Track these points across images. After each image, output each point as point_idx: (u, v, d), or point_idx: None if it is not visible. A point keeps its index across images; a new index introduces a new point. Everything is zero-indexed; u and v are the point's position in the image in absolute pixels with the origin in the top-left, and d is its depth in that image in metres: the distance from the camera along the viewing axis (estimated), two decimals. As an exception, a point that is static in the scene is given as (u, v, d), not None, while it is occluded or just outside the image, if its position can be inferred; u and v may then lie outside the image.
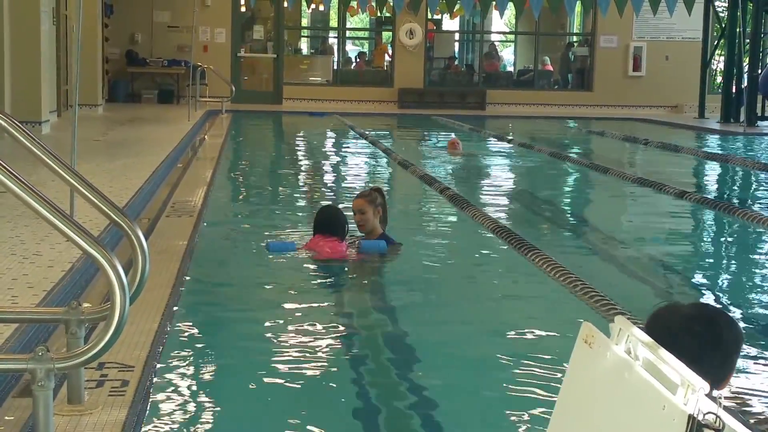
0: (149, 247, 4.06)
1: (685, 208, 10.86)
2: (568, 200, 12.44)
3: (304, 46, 32.42)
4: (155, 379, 4.45)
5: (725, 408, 2.40)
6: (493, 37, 34.19)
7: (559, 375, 4.53)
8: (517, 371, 4.93)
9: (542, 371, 4.84)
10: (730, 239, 9.90)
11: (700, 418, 1.65)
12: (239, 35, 27.19)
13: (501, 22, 35.95)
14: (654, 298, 6.78)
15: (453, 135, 18.57)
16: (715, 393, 2.55)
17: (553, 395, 3.08)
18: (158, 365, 4.62)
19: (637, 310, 5.58)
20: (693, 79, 25.69)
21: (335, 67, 28.92)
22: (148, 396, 4.19)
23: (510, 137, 19.90)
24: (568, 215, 11.01)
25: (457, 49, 32.61)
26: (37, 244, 6.53)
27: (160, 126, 18.24)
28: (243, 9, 27.06)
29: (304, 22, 32.12)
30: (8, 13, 14.74)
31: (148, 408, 4.07)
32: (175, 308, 5.65)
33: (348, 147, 18.79)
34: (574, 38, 31.40)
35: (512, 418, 4.33)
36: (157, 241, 7.58)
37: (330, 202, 7.70)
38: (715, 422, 1.63)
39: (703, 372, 2.53)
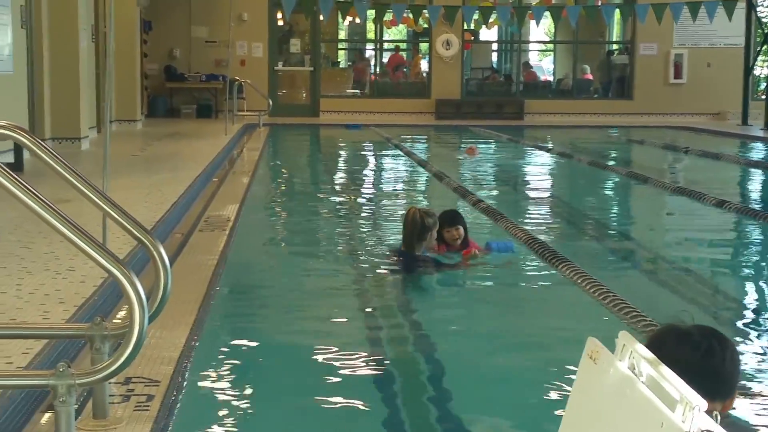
0: (176, 263, 4.08)
1: (724, 217, 10.75)
2: (606, 210, 12.36)
3: (341, 58, 32.52)
4: (181, 395, 4.45)
5: (722, 424, 2.39)
6: (531, 47, 34.11)
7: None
8: (548, 385, 4.89)
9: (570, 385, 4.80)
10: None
11: (696, 436, 1.64)
12: (276, 49, 27.31)
13: (539, 30, 35.83)
14: (690, 309, 6.72)
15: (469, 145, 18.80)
16: (717, 411, 2.54)
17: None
18: (185, 380, 4.64)
19: (690, 310, 5.54)
20: (735, 85, 25.48)
21: (372, 79, 28.99)
22: (173, 411, 4.20)
23: (549, 147, 19.83)
24: (606, 226, 10.93)
25: (495, 59, 32.57)
26: (71, 259, 6.59)
27: (198, 140, 18.36)
28: (280, 23, 27.20)
29: (342, 35, 32.22)
30: (47, 30, 14.93)
31: (171, 424, 4.08)
32: (203, 323, 5.67)
33: (384, 159, 18.82)
34: (614, 46, 31.24)
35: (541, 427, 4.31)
36: (188, 256, 7.62)
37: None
38: (711, 440, 1.61)
39: (707, 388, 2.52)
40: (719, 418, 1.68)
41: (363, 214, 11.25)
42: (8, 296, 5.60)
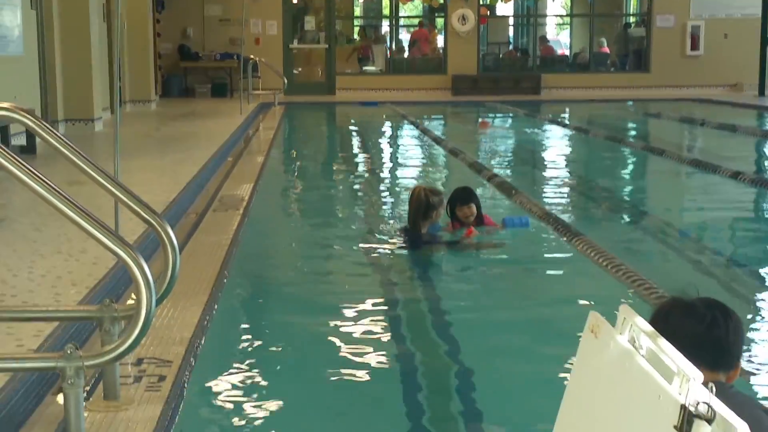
0: (189, 243, 4.08)
1: (739, 188, 10.69)
2: (621, 184, 12.30)
3: (357, 35, 32.43)
4: (193, 375, 4.46)
5: (727, 394, 2.38)
6: (548, 21, 33.94)
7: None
8: (560, 359, 4.87)
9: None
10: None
11: (692, 408, 1.63)
12: (291, 27, 27.26)
13: (556, 4, 35.63)
14: (706, 282, 6.70)
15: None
16: (722, 380, 2.54)
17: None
18: (196, 361, 4.63)
19: (695, 283, 5.50)
20: (753, 56, 25.29)
21: (388, 56, 28.91)
22: (184, 392, 4.20)
23: (566, 121, 19.76)
24: (621, 200, 10.88)
25: (511, 33, 32.42)
26: (84, 241, 6.59)
27: (213, 120, 18.36)
28: (294, 0, 27.14)
29: (357, 11, 32.13)
30: (58, 11, 14.92)
31: (182, 404, 4.08)
32: (217, 303, 5.67)
33: (400, 136, 18.78)
34: (631, 19, 31.04)
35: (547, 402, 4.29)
36: (202, 236, 7.62)
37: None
38: (707, 412, 1.60)
39: (712, 359, 2.52)
40: (714, 389, 1.66)
41: (377, 192, 11.23)
42: (20, 279, 5.62)
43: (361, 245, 7.68)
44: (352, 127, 21.22)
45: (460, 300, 6.26)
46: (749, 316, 5.74)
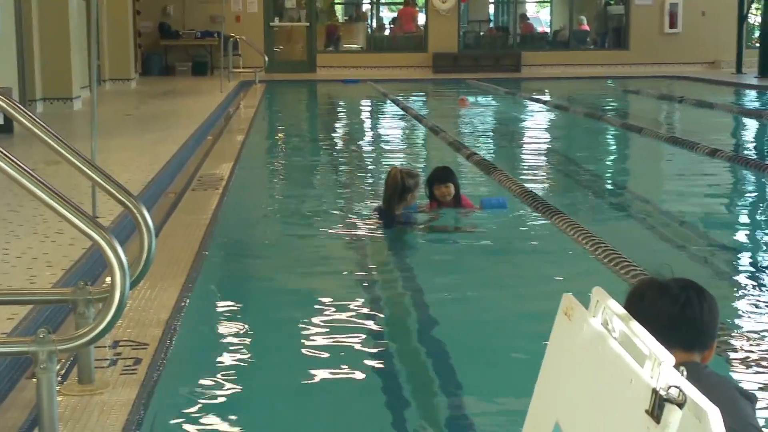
0: (168, 223, 4.04)
1: (717, 166, 10.72)
2: (600, 161, 12.31)
3: (338, 13, 32.28)
4: (169, 358, 4.42)
5: (702, 375, 2.38)
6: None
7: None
8: (537, 338, 4.87)
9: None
10: (762, 197, 9.75)
11: (663, 392, 1.62)
12: (272, 4, 27.11)
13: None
14: (683, 259, 6.71)
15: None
16: (697, 359, 2.54)
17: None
18: (173, 343, 4.60)
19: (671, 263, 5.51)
20: (730, 34, 25.33)
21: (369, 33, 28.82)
22: (160, 375, 4.17)
23: (546, 99, 19.76)
24: (600, 177, 10.89)
25: (492, 11, 32.34)
26: (60, 222, 6.50)
27: (193, 98, 18.27)
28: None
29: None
30: (36, -9, 14.78)
31: (158, 388, 4.05)
32: (194, 284, 5.64)
33: (380, 114, 18.75)
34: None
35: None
36: (180, 216, 7.59)
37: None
38: (678, 396, 1.59)
39: (687, 338, 2.52)
40: (686, 372, 1.66)
41: (357, 171, 11.20)
42: (-5, 261, 5.58)
43: (339, 225, 7.66)
44: (333, 105, 21.16)
45: (432, 280, 6.23)
46: (725, 294, 5.76)
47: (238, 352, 4.78)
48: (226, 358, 4.68)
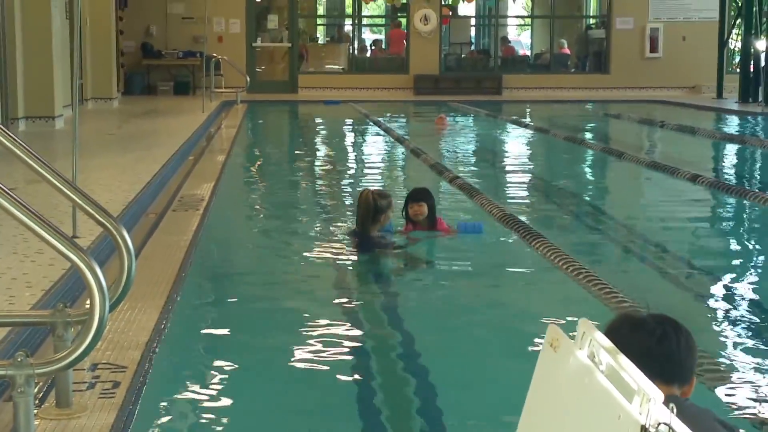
0: (148, 244, 4.01)
1: (698, 192, 10.74)
2: (581, 185, 12.32)
3: (320, 34, 32.34)
4: (148, 381, 4.37)
5: (683, 407, 2.36)
6: (509, 22, 34.00)
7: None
8: (516, 367, 4.85)
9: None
10: (742, 223, 9.79)
11: (652, 429, 1.60)
12: (254, 25, 27.13)
13: (517, 5, 35.71)
14: (665, 286, 6.72)
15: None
16: (676, 394, 2.53)
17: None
18: (152, 366, 4.55)
19: (646, 298, 5.51)
20: (711, 59, 25.46)
21: (351, 54, 28.85)
22: (139, 398, 4.13)
23: (527, 122, 19.81)
24: (580, 201, 10.90)
25: (473, 34, 32.45)
26: (40, 242, 6.45)
27: (175, 118, 18.23)
28: (257, -1, 27.04)
29: (320, 10, 32.03)
30: (20, 9, 14.74)
31: (137, 411, 4.01)
32: (174, 306, 5.59)
33: (361, 135, 18.74)
34: (591, 21, 31.19)
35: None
36: (161, 236, 7.54)
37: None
38: (667, 433, 1.58)
39: (664, 372, 2.51)
40: (675, 409, 1.64)
41: (338, 192, 11.18)
42: (-26, 281, 5.52)
43: (318, 247, 7.63)
44: (314, 126, 21.14)
45: (407, 303, 6.23)
46: (705, 320, 5.76)
47: (218, 374, 4.74)
48: (206, 381, 4.64)
